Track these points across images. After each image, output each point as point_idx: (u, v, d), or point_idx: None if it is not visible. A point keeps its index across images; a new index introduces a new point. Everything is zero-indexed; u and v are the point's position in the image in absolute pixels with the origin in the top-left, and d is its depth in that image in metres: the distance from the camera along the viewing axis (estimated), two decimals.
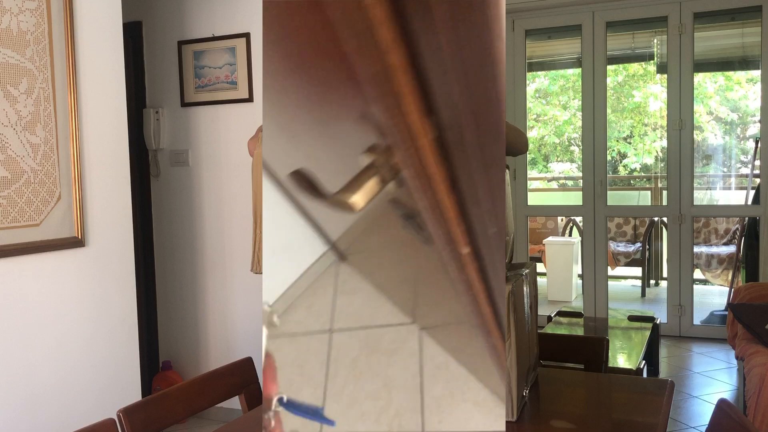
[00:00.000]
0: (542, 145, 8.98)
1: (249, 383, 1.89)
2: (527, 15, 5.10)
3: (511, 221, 1.68)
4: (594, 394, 1.86)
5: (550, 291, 6.28)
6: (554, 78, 8.57)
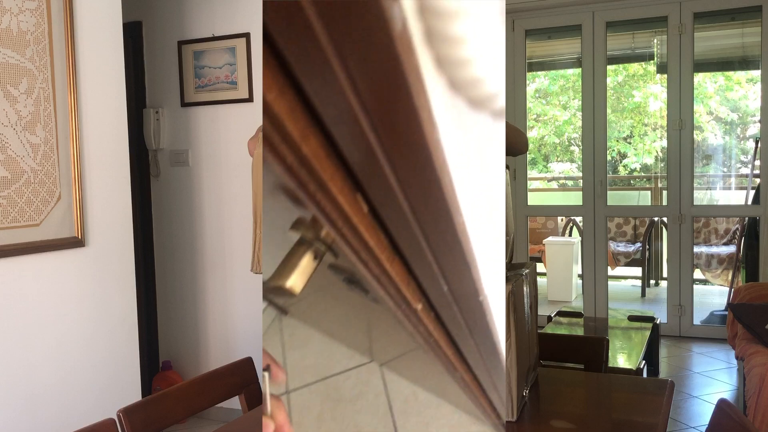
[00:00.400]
0: (542, 145, 8.98)
1: (249, 383, 1.89)
2: (527, 15, 5.10)
3: (511, 221, 1.68)
4: (594, 394, 1.86)
5: (550, 291, 6.28)
6: (554, 78, 8.57)
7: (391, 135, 0.73)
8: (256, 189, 3.15)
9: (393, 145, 0.75)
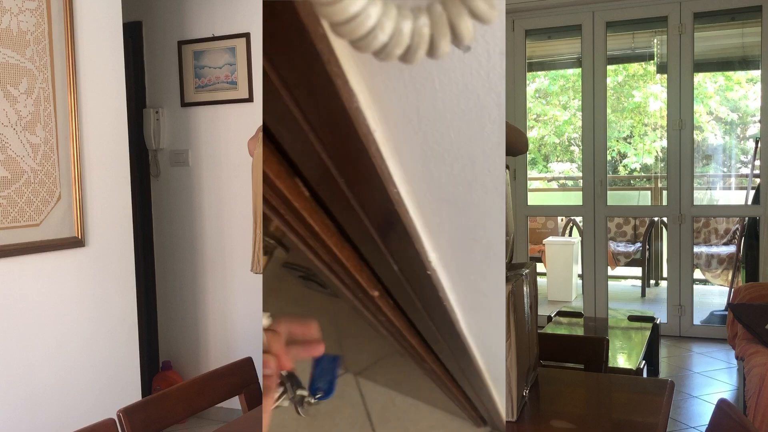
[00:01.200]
0: (542, 145, 8.98)
1: (249, 383, 1.89)
2: (527, 15, 5.10)
3: (511, 221, 1.68)
4: (594, 394, 1.86)
5: (550, 291, 6.28)
6: (554, 78, 8.57)
7: (313, 108, 0.72)
8: (256, 189, 3.15)
9: (317, 118, 0.74)
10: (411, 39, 0.61)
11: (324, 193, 0.88)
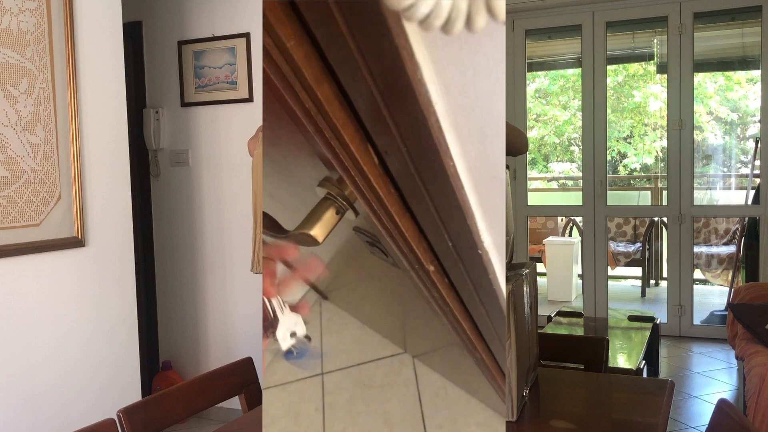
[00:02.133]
0: (542, 145, 8.98)
1: (249, 383, 1.89)
2: (527, 15, 5.10)
3: (511, 221, 1.68)
4: (594, 394, 1.86)
5: (550, 291, 6.28)
6: (554, 78, 8.57)
7: (381, 76, 0.76)
8: (256, 189, 3.15)
9: (385, 86, 0.77)
10: (449, 12, 0.67)
11: (391, 161, 0.92)
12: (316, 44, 0.77)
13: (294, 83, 0.78)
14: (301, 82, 0.78)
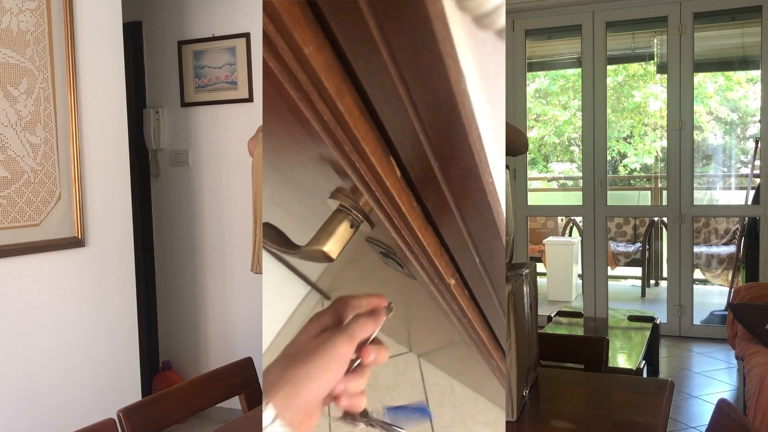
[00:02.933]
0: (542, 145, 8.98)
1: (249, 383, 1.89)
2: (527, 15, 5.10)
3: (511, 221, 1.68)
4: (594, 394, 1.86)
5: (550, 291, 6.28)
6: (554, 78, 8.57)
7: (418, 84, 0.69)
8: (256, 189, 3.15)
9: (422, 97, 0.71)
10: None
11: (416, 174, 0.87)
12: (337, 50, 0.71)
13: (311, 93, 0.71)
14: (320, 93, 0.71)
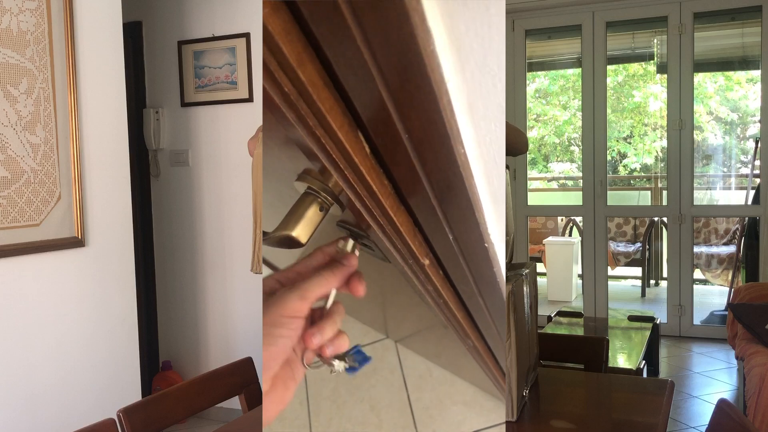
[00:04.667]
0: (542, 145, 8.98)
1: (249, 383, 1.89)
2: (527, 15, 5.10)
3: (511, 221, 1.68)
4: (594, 394, 1.86)
5: (550, 291, 6.28)
6: (554, 78, 8.57)
7: (384, 47, 0.64)
8: (256, 189, 3.15)
9: (387, 60, 0.65)
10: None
11: (386, 149, 0.82)
12: (296, 15, 0.64)
13: (269, 61, 0.65)
14: (279, 62, 0.65)
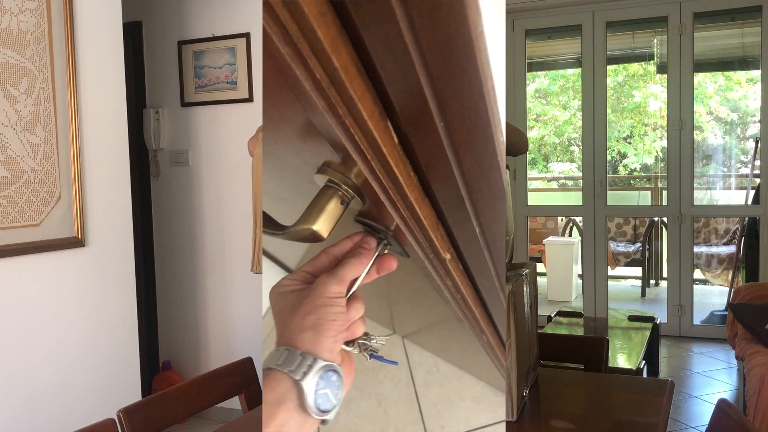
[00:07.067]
0: (542, 145, 8.98)
1: (249, 383, 1.89)
2: (527, 15, 5.10)
3: (511, 221, 1.68)
4: (594, 394, 1.86)
5: (550, 291, 6.28)
6: (554, 78, 8.57)
7: (429, 30, 0.60)
8: (256, 189, 3.15)
9: (431, 43, 0.62)
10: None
11: (417, 138, 0.78)
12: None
13: (302, 47, 0.61)
14: (311, 46, 0.61)
